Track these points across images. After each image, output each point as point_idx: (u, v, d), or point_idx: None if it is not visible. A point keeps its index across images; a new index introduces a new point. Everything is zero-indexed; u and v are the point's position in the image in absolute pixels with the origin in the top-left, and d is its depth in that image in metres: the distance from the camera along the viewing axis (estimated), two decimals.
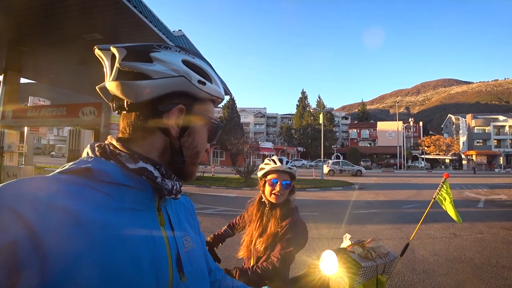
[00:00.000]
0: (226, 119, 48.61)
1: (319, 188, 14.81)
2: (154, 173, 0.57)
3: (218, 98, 0.66)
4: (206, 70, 0.63)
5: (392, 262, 2.08)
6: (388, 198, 11.85)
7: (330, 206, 9.79)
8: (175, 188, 0.60)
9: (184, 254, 0.61)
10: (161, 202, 0.60)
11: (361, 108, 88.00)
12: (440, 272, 4.08)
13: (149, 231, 0.55)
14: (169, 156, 0.60)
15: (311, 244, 5.15)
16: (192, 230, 0.71)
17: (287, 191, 1.66)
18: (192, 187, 14.42)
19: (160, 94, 0.57)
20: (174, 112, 0.58)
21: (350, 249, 2.08)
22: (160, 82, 0.56)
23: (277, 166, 1.64)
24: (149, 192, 0.57)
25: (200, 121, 0.63)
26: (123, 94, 0.56)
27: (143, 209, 0.56)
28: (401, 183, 19.59)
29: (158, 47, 0.58)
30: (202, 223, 6.52)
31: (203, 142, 0.65)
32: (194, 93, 0.60)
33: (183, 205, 0.75)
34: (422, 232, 6.04)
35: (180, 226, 0.65)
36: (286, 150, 54.64)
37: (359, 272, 1.89)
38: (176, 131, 0.59)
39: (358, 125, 70.49)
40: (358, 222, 7.26)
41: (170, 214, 0.63)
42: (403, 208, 9.40)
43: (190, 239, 0.66)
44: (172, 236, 0.60)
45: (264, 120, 77.65)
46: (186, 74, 0.58)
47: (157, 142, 0.59)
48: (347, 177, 23.25)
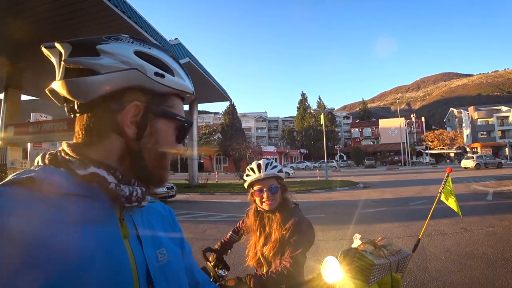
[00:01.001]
0: (227, 125, 48.73)
1: (324, 189, 14.70)
2: (108, 178, 0.50)
3: (184, 93, 0.59)
4: (166, 62, 0.56)
5: (405, 259, 2.04)
6: (395, 195, 11.70)
7: (336, 207, 9.68)
8: (135, 195, 0.52)
9: (158, 269, 0.55)
10: (124, 212, 0.53)
11: (362, 106, 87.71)
12: (452, 269, 3.96)
13: (107, 246, 0.48)
14: (129, 160, 0.54)
15: (318, 246, 5.08)
16: (171, 241, 0.64)
17: (278, 194, 1.60)
18: (196, 195, 14.40)
19: (111, 90, 0.50)
20: (129, 110, 0.52)
21: (361, 248, 2.03)
22: (109, 77, 0.49)
23: (257, 176, 1.58)
24: (105, 201, 0.50)
25: (162, 119, 0.56)
26: (70, 94, 0.50)
27: (100, 221, 0.49)
28: (407, 179, 19.34)
29: (107, 39, 0.52)
30: (207, 231, 6.51)
31: (169, 143, 0.57)
32: (151, 88, 0.53)
33: (159, 214, 0.68)
34: (432, 229, 5.90)
35: (152, 238, 0.58)
36: (289, 153, 54.58)
37: (373, 270, 1.84)
38: (133, 131, 0.52)
39: (360, 124, 70.24)
40: (366, 221, 7.15)
41: (137, 225, 0.56)
42: (410, 205, 9.26)
43: (165, 251, 0.59)
44: (140, 250, 0.53)
45: (265, 124, 77.69)
46: (139, 66, 0.51)
47: (114, 145, 0.53)
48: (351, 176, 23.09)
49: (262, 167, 1.59)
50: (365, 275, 1.84)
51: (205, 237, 5.99)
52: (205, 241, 5.57)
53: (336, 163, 46.59)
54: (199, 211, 9.52)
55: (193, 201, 12.34)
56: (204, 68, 13.87)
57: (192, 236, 6.18)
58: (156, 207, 0.68)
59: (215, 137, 49.45)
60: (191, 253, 0.74)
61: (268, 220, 1.61)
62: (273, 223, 1.56)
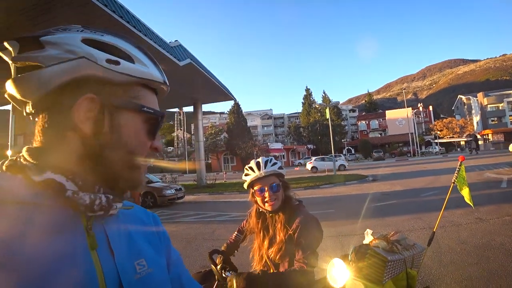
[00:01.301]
0: (233, 124, 48.84)
1: (333, 184, 14.59)
2: (66, 185, 0.45)
3: (152, 82, 0.53)
4: (122, 48, 0.50)
5: (420, 254, 1.96)
6: (405, 187, 11.51)
7: (346, 201, 9.58)
8: (97, 203, 0.47)
9: (135, 282, 0.50)
10: (91, 221, 0.48)
11: (367, 99, 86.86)
12: (469, 261, 3.83)
13: (70, 259, 0.43)
14: (90, 162, 0.48)
15: (328, 243, 5.02)
16: (154, 251, 0.58)
17: (280, 192, 1.51)
18: (205, 195, 14.44)
19: (58, 84, 0.45)
20: (82, 104, 0.46)
21: (373, 244, 1.96)
22: (54, 69, 0.45)
23: (256, 174, 1.51)
24: (68, 209, 0.46)
25: (126, 111, 0.50)
26: (19, 93, 0.46)
27: (62, 232, 0.44)
28: (417, 170, 19.04)
29: (54, 30, 0.47)
30: (216, 231, 6.49)
31: (137, 138, 0.51)
32: (106, 77, 0.47)
33: (140, 222, 0.61)
34: (445, 220, 5.73)
35: (129, 248, 0.53)
36: (296, 149, 54.41)
37: (386, 267, 1.77)
38: (89, 128, 0.47)
39: (367, 116, 69.59)
40: (376, 215, 7.04)
41: (110, 235, 0.50)
42: (422, 196, 9.09)
43: (145, 262, 0.53)
44: (111, 262, 0.48)
45: (271, 122, 77.61)
46: (87, 54, 0.46)
47: (72, 146, 0.47)
48: (360, 170, 22.86)
49: (261, 165, 1.52)
50: (379, 273, 1.77)
51: (214, 237, 5.98)
52: (215, 241, 5.55)
53: (344, 157, 46.28)
54: (208, 211, 9.54)
55: (202, 202, 12.38)
56: (206, 69, 13.84)
57: (202, 237, 6.17)
58: (137, 215, 0.62)
59: (221, 136, 49.54)
60: (181, 262, 0.68)
61: (272, 220, 1.53)
62: (277, 224, 1.49)
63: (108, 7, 7.10)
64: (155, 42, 9.33)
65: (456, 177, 2.47)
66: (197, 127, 18.44)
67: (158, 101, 0.59)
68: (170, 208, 10.98)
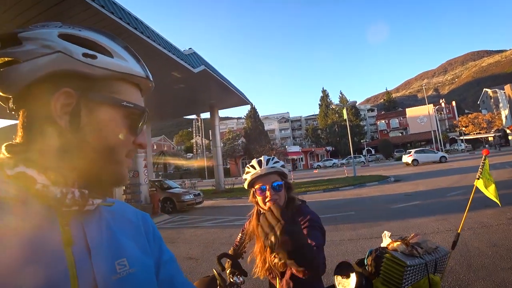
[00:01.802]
0: (250, 129, 49.03)
1: (353, 186, 14.25)
2: (38, 178, 0.45)
3: (132, 77, 0.52)
4: (99, 42, 0.49)
5: (444, 258, 1.84)
6: (429, 187, 11.02)
7: (366, 203, 9.30)
8: (69, 197, 0.46)
9: (114, 282, 0.48)
10: (68, 217, 0.48)
11: (386, 97, 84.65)
12: (502, 266, 3.56)
13: (40, 256, 0.42)
14: (68, 156, 0.48)
15: (348, 246, 4.88)
16: (139, 251, 0.57)
17: (282, 192, 1.43)
18: (223, 200, 14.51)
19: (35, 78, 0.45)
20: (59, 98, 0.46)
21: (391, 248, 1.87)
22: (31, 63, 0.45)
23: (258, 171, 1.42)
24: (43, 205, 0.45)
25: (104, 106, 0.49)
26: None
27: (36, 227, 0.44)
28: (442, 169, 18.22)
29: (32, 27, 0.47)
30: (233, 235, 6.46)
31: (115, 133, 0.50)
32: (82, 71, 0.47)
33: (127, 221, 0.60)
34: (473, 221, 5.41)
35: (109, 247, 0.51)
36: (314, 151, 53.76)
37: (405, 273, 1.67)
38: (65, 121, 0.47)
39: (386, 115, 67.70)
40: (398, 217, 6.78)
41: (87, 232, 0.49)
42: (447, 197, 8.66)
43: (127, 262, 0.51)
44: (86, 260, 0.47)
45: (288, 125, 77.22)
46: (63, 48, 0.46)
47: (49, 141, 0.47)
48: (381, 170, 22.22)
49: (263, 162, 1.45)
50: (397, 278, 1.67)
51: (231, 242, 5.91)
52: (232, 245, 5.52)
53: (364, 158, 45.15)
54: (226, 215, 9.56)
55: (220, 206, 12.44)
56: (220, 74, 13.99)
57: (219, 241, 6.20)
58: (124, 214, 0.61)
59: (238, 141, 49.79)
60: (174, 262, 0.66)
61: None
62: None
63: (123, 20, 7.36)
64: (169, 51, 9.56)
65: (481, 172, 2.32)
66: (214, 133, 18.63)
67: (144, 98, 0.58)
68: (189, 213, 11.11)
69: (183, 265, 4.78)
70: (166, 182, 13.83)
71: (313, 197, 11.65)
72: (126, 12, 7.85)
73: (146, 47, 8.51)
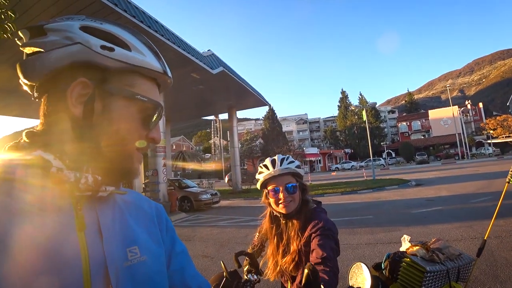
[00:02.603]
0: (268, 130, 49.03)
1: (372, 189, 13.91)
2: (53, 162, 0.47)
3: (149, 71, 0.53)
4: (118, 35, 0.51)
5: (468, 266, 1.74)
6: (453, 192, 10.55)
7: (385, 207, 9.03)
8: (83, 182, 0.47)
9: (124, 269, 0.49)
10: (82, 202, 0.49)
11: (408, 98, 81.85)
12: None
13: (54, 238, 0.43)
14: (81, 144, 0.49)
15: (365, 250, 4.78)
16: (151, 240, 0.58)
17: (297, 194, 1.35)
18: (240, 200, 14.58)
19: (56, 67, 0.48)
20: (75, 88, 0.48)
21: (410, 252, 1.80)
22: (52, 53, 0.47)
23: (271, 172, 1.36)
24: (58, 189, 0.47)
25: (119, 98, 0.51)
26: (22, 75, 0.50)
27: (51, 210, 0.45)
28: (467, 174, 17.39)
29: (58, 20, 0.50)
30: (249, 236, 6.49)
31: (128, 125, 0.51)
32: (100, 63, 0.49)
33: (141, 210, 0.62)
34: (501, 229, 5.12)
35: (122, 234, 0.52)
36: (333, 153, 52.95)
37: (424, 279, 1.61)
38: (79, 110, 0.49)
39: (408, 117, 65.54)
40: (419, 222, 6.55)
41: (101, 218, 0.51)
42: (472, 203, 8.26)
43: (138, 250, 0.53)
44: (99, 245, 0.48)
45: (306, 126, 76.46)
46: (83, 40, 0.48)
47: (65, 128, 0.49)
48: (401, 174, 21.54)
49: (277, 162, 1.38)
50: (416, 285, 1.62)
51: (247, 242, 5.98)
52: (247, 245, 5.48)
53: (384, 161, 43.97)
54: (242, 216, 9.60)
55: (237, 207, 12.50)
56: (239, 76, 14.09)
57: (234, 241, 6.23)
58: (139, 203, 0.63)
59: (256, 142, 49.88)
60: (186, 255, 0.67)
61: (286, 227, 1.39)
62: (291, 232, 1.35)
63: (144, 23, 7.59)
64: (189, 53, 9.76)
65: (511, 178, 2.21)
66: (232, 134, 18.79)
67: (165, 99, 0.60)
68: (206, 212, 11.24)
69: (198, 263, 4.85)
70: (184, 181, 14.06)
71: (331, 200, 11.48)
72: (147, 16, 8.10)
73: (167, 49, 8.78)
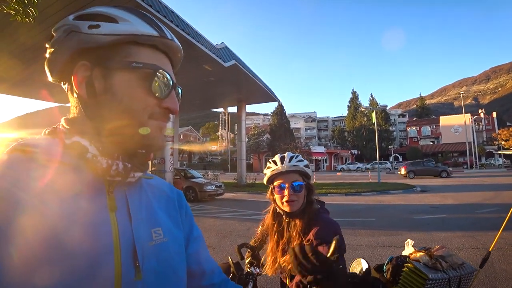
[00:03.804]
0: (276, 126, 48.94)
1: (376, 192, 13.88)
2: (89, 148, 0.51)
3: (136, 36, 0.52)
4: (105, 12, 0.52)
5: (470, 276, 1.76)
6: (458, 201, 10.48)
7: (388, 211, 9.05)
8: (114, 169, 0.51)
9: (149, 248, 0.53)
10: (114, 185, 0.52)
11: (419, 103, 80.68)
12: None
13: (88, 217, 0.47)
14: (95, 123, 0.52)
15: (365, 252, 4.81)
16: (172, 223, 0.62)
17: (302, 194, 1.34)
18: (244, 194, 14.69)
19: (63, 61, 0.53)
20: (78, 71, 0.52)
21: (413, 258, 1.83)
22: (57, 49, 0.52)
23: (279, 168, 1.35)
24: (92, 172, 0.51)
25: (117, 71, 0.52)
26: (48, 75, 0.55)
27: (86, 191, 0.49)
28: (474, 184, 17.15)
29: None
30: (251, 229, 6.56)
31: (132, 96, 0.52)
32: (91, 42, 0.51)
33: (164, 195, 0.66)
34: (504, 242, 5.08)
35: (148, 216, 0.57)
36: (339, 154, 52.73)
37: (426, 286, 1.65)
38: (84, 91, 0.52)
39: (418, 122, 64.71)
40: (422, 228, 6.55)
41: (130, 200, 0.54)
42: (477, 213, 8.20)
43: (161, 231, 0.57)
44: (128, 225, 0.52)
45: (314, 125, 76.05)
46: (74, 27, 0.51)
47: (80, 112, 0.54)
48: (407, 179, 21.37)
49: (285, 159, 1.38)
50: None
51: (248, 235, 6.07)
52: (248, 238, 5.55)
53: (390, 165, 43.60)
54: (245, 209, 9.71)
55: (241, 200, 12.63)
56: (250, 70, 14.07)
57: (236, 233, 6.33)
58: (162, 188, 0.67)
59: (263, 137, 49.91)
60: (201, 240, 0.72)
61: (287, 226, 1.38)
62: (293, 231, 1.34)
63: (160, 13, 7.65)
64: (202, 44, 9.80)
65: None
66: (240, 127, 18.83)
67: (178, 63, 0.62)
68: (210, 203, 11.39)
69: None
70: (190, 172, 14.21)
71: (334, 200, 11.51)
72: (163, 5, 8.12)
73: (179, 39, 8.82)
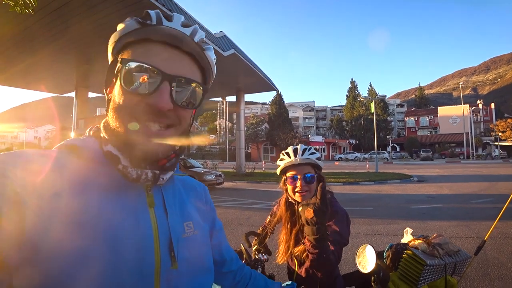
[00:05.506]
0: (274, 115, 48.81)
1: (374, 182, 14.07)
2: (121, 159, 0.53)
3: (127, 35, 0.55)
4: None
5: (464, 262, 1.85)
6: (454, 191, 10.68)
7: (386, 200, 9.21)
8: (143, 178, 0.53)
9: (182, 240, 0.58)
10: (152, 183, 0.56)
11: (418, 93, 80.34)
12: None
13: (131, 212, 0.52)
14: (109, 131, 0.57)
15: (363, 240, 4.95)
16: (200, 217, 0.67)
17: (313, 185, 1.40)
18: (243, 183, 14.83)
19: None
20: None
21: (412, 245, 1.91)
22: None
23: (292, 160, 1.42)
24: None
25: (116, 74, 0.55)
26: None
27: (127, 189, 0.54)
28: (470, 174, 17.43)
29: None
30: (251, 218, 6.69)
31: (116, 94, 0.54)
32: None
33: (193, 190, 0.72)
34: (497, 231, 5.23)
35: (181, 210, 0.62)
36: (337, 143, 52.86)
37: (424, 271, 1.74)
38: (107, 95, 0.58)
39: (416, 112, 64.61)
40: (418, 217, 6.71)
41: (165, 196, 0.60)
42: (472, 203, 8.37)
43: (192, 225, 0.62)
44: (164, 219, 0.56)
45: (313, 114, 75.73)
46: None
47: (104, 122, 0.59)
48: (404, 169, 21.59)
49: (299, 151, 1.43)
50: (415, 276, 1.74)
51: (249, 223, 6.21)
52: (249, 227, 5.77)
53: (388, 155, 43.89)
54: (245, 198, 9.83)
55: (240, 189, 12.74)
56: (249, 59, 13.95)
57: (237, 222, 6.43)
58: (192, 183, 0.73)
59: (262, 127, 49.90)
60: (222, 231, 0.79)
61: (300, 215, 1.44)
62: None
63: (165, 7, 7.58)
64: None
65: None
66: (239, 117, 18.81)
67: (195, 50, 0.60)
68: (210, 192, 11.29)
69: None
70: (189, 161, 14.28)
71: (332, 189, 11.35)
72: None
73: None
